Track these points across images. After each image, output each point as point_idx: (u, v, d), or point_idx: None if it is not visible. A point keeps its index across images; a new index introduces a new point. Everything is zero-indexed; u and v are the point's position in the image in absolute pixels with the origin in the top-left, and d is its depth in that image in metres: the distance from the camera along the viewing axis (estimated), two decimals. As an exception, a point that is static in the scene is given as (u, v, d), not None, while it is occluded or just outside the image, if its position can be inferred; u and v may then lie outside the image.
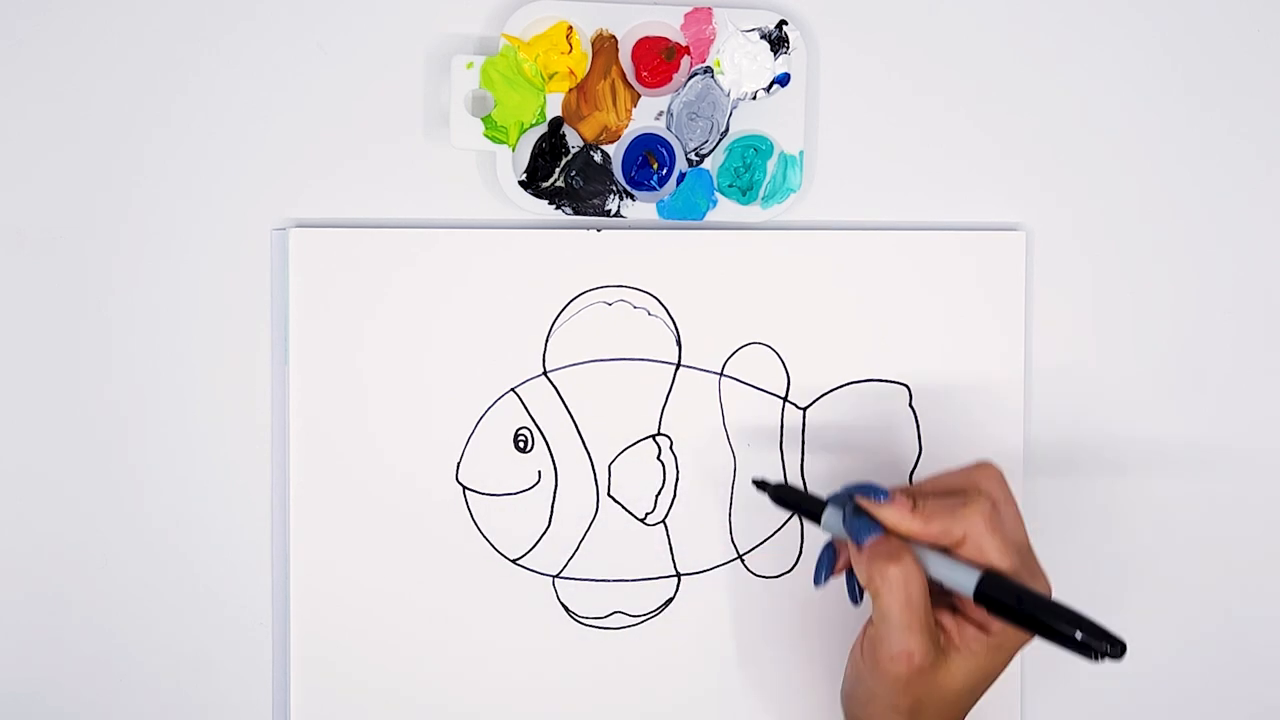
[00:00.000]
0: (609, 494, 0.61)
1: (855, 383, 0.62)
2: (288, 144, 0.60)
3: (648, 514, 0.62)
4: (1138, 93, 0.64)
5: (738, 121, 0.61)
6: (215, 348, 0.59)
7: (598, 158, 0.60)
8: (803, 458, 0.62)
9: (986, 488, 0.52)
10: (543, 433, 0.61)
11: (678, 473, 0.62)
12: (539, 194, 0.60)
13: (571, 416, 0.61)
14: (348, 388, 0.60)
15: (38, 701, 0.59)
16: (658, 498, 0.62)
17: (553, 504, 0.61)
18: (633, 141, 0.60)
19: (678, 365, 0.61)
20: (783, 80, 0.61)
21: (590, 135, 0.60)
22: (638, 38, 0.60)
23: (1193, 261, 0.65)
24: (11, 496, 0.59)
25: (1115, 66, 0.64)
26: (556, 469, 0.61)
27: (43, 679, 0.59)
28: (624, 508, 0.61)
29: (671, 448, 0.62)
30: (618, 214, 0.61)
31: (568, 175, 0.60)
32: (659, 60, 0.60)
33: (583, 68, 0.60)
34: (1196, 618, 0.65)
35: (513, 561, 0.61)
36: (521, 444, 0.61)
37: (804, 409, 0.62)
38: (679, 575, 0.62)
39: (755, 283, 0.61)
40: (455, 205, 0.61)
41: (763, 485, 0.57)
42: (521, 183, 0.60)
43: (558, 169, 0.60)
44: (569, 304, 0.61)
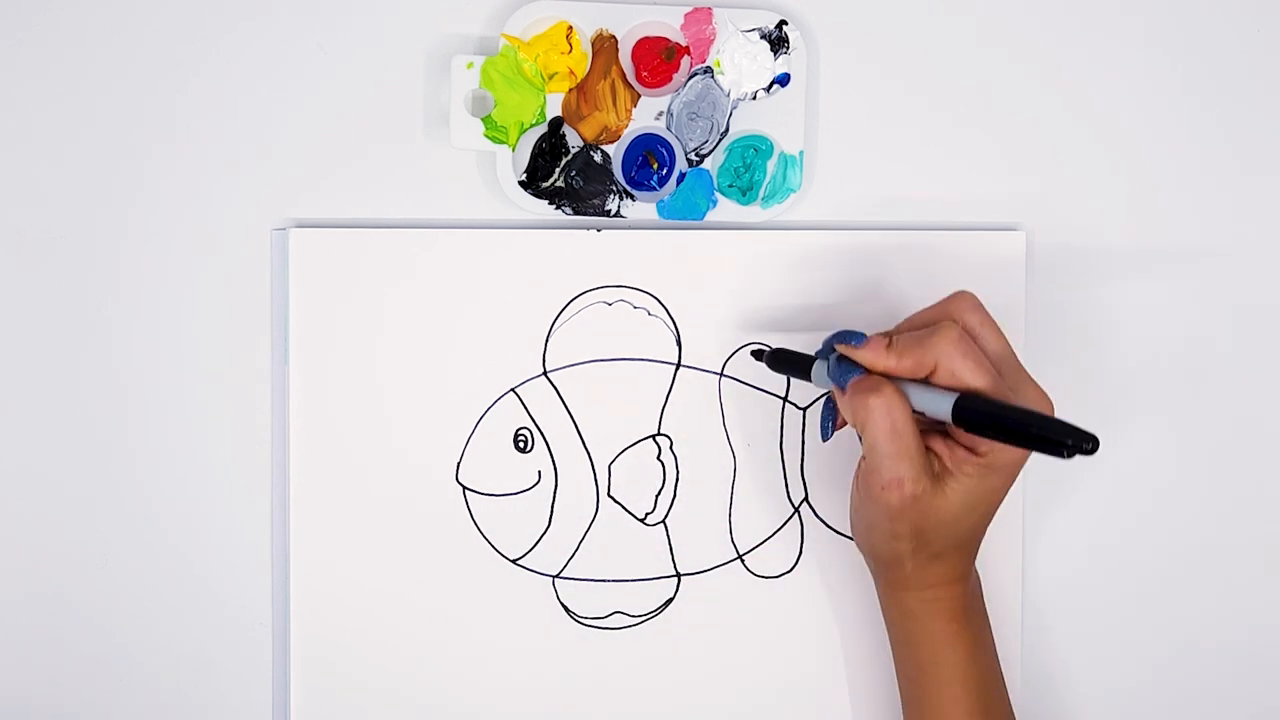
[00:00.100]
0: (609, 494, 0.61)
1: (855, 383, 0.62)
2: (288, 144, 0.60)
3: (648, 514, 0.62)
4: (1137, 94, 0.64)
5: (738, 121, 0.61)
6: (215, 348, 0.59)
7: (598, 158, 0.60)
8: (802, 457, 0.62)
9: (958, 314, 0.54)
10: (543, 433, 0.61)
11: (678, 473, 0.62)
12: (539, 194, 0.60)
13: (571, 416, 0.61)
14: (348, 388, 0.60)
15: (38, 701, 0.59)
16: (658, 498, 0.61)
17: (553, 504, 0.61)
18: (633, 141, 0.60)
19: (678, 365, 0.61)
20: (783, 80, 0.61)
21: (590, 135, 0.60)
22: (638, 38, 0.60)
23: (1193, 261, 0.65)
24: (11, 496, 0.59)
25: (1115, 67, 0.64)
26: (556, 469, 0.61)
27: (43, 679, 0.59)
28: (624, 508, 0.61)
29: (671, 448, 0.62)
30: (618, 214, 0.61)
31: (568, 175, 0.60)
32: (659, 60, 0.60)
33: (583, 68, 0.60)
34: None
35: (513, 561, 0.61)
36: (521, 444, 0.61)
37: (804, 409, 0.62)
38: (679, 575, 0.62)
39: (755, 283, 0.61)
40: (455, 205, 0.61)
41: (759, 354, 0.60)
42: (521, 183, 0.60)
43: (558, 169, 0.60)
44: (569, 304, 0.61)
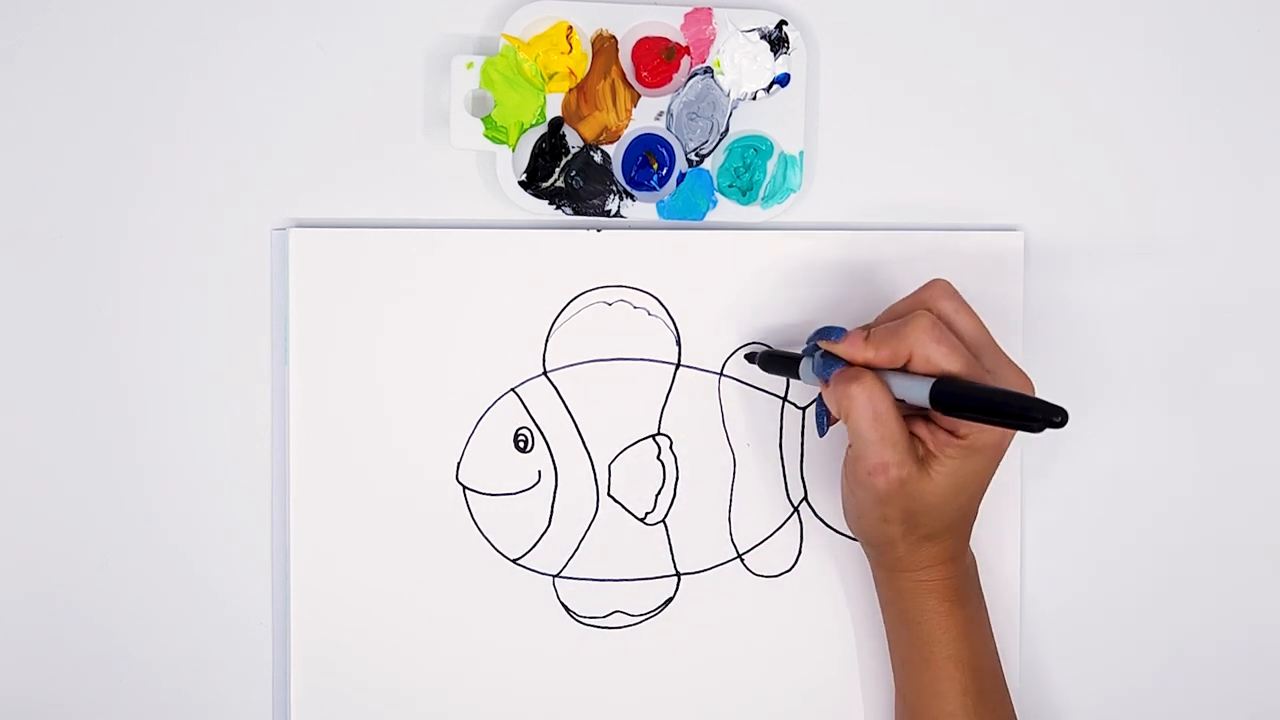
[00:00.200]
0: (609, 494, 0.61)
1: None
2: (288, 144, 0.60)
3: (648, 514, 0.62)
4: (1137, 94, 0.64)
5: (738, 121, 0.61)
6: (215, 348, 0.59)
7: (598, 158, 0.60)
8: (802, 457, 0.62)
9: (932, 302, 0.55)
10: (543, 433, 0.61)
11: (678, 472, 0.62)
12: (539, 194, 0.60)
13: (571, 416, 0.61)
14: (347, 388, 0.60)
15: (38, 701, 0.59)
16: (658, 497, 0.62)
17: (553, 504, 0.61)
18: (633, 141, 0.60)
19: (678, 365, 0.61)
20: (783, 80, 0.61)
21: (590, 135, 0.60)
22: (638, 38, 0.60)
23: (1192, 261, 0.65)
24: (11, 496, 0.59)
25: (1115, 67, 0.64)
26: (556, 469, 0.61)
27: (43, 679, 0.59)
28: (624, 507, 0.61)
29: (671, 447, 0.62)
30: (618, 214, 0.61)
31: (568, 175, 0.60)
32: (659, 60, 0.60)
33: (583, 68, 0.60)
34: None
35: (513, 561, 0.61)
36: (521, 444, 0.61)
37: (803, 408, 0.62)
38: (679, 575, 0.62)
39: (755, 283, 0.61)
40: (455, 205, 0.61)
41: (751, 357, 0.61)
42: (521, 183, 0.60)
43: (558, 169, 0.60)
44: (569, 304, 0.61)
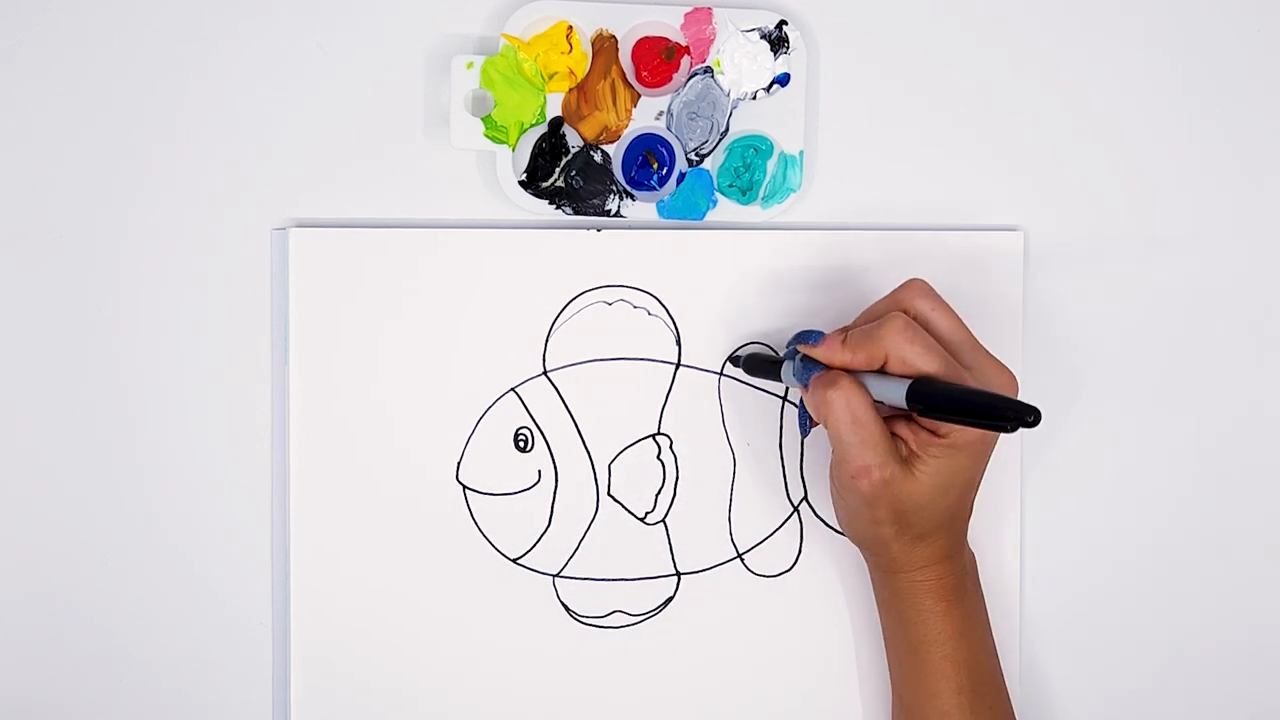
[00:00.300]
0: (609, 493, 0.61)
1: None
2: (288, 144, 0.60)
3: (647, 513, 0.62)
4: (1137, 94, 0.64)
5: (738, 121, 0.61)
6: (215, 348, 0.59)
7: (598, 158, 0.60)
8: (802, 457, 0.62)
9: (908, 302, 0.55)
10: (543, 432, 0.61)
11: (678, 472, 0.62)
12: (539, 194, 0.60)
13: (571, 416, 0.61)
14: (347, 388, 0.60)
15: (38, 701, 0.59)
16: (657, 497, 0.62)
17: (553, 503, 0.61)
18: (633, 141, 0.60)
19: (677, 365, 0.61)
20: (783, 80, 0.61)
21: (590, 135, 0.60)
22: (638, 38, 0.60)
23: (1192, 261, 0.65)
24: (12, 496, 0.59)
25: (1115, 67, 0.64)
26: (556, 469, 0.61)
27: (43, 679, 0.59)
28: (624, 507, 0.61)
29: (671, 447, 0.62)
30: (618, 214, 0.61)
31: (568, 175, 0.60)
32: (659, 60, 0.60)
33: (583, 68, 0.60)
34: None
35: (513, 561, 0.61)
36: (521, 444, 0.61)
37: (797, 407, 0.62)
38: (679, 574, 0.62)
39: (755, 283, 0.61)
40: (455, 205, 0.61)
41: (735, 361, 0.61)
42: (521, 183, 0.60)
43: (558, 169, 0.60)
44: (569, 304, 0.61)
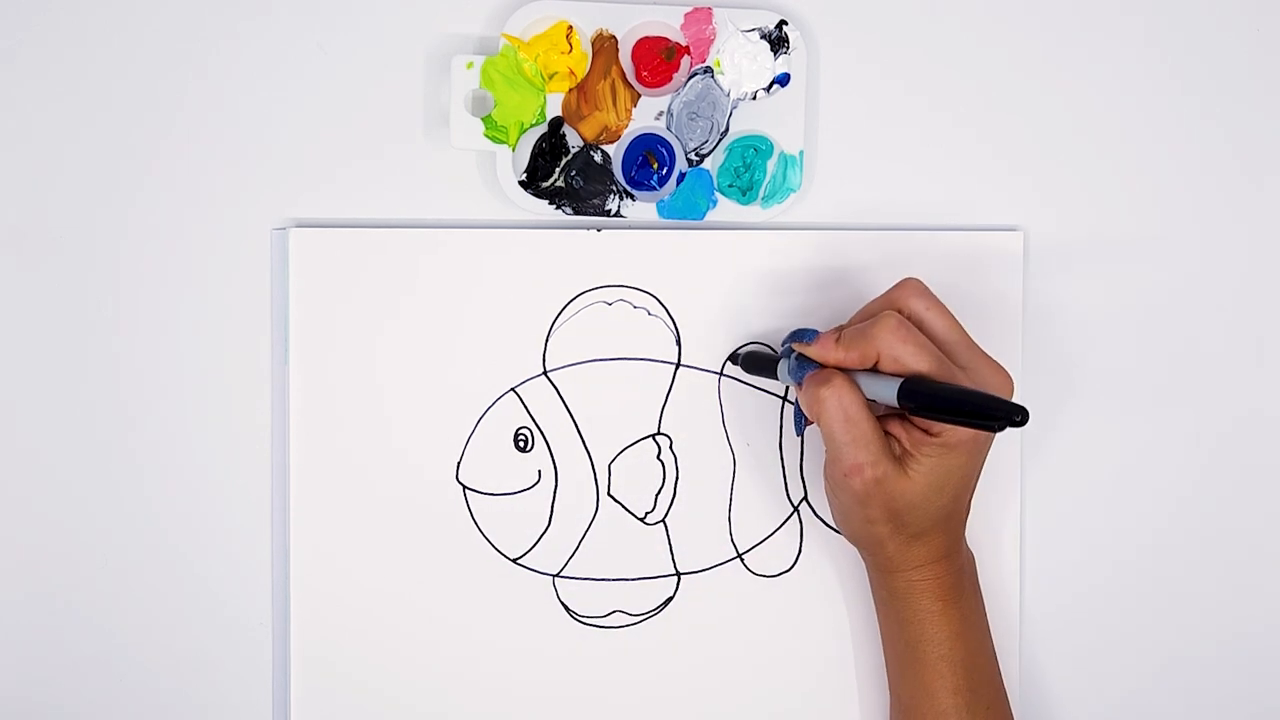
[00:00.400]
0: (609, 493, 0.61)
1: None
2: (288, 144, 0.60)
3: (647, 513, 0.62)
4: (1136, 94, 0.64)
5: (738, 121, 0.61)
6: (215, 348, 0.59)
7: (598, 158, 0.60)
8: (801, 457, 0.62)
9: (903, 301, 0.55)
10: (543, 432, 0.61)
11: (677, 472, 0.62)
12: (539, 194, 0.60)
13: (571, 416, 0.61)
14: (347, 388, 0.60)
15: (38, 701, 0.59)
16: (657, 497, 0.62)
17: (553, 503, 0.61)
18: (633, 141, 0.60)
19: (677, 365, 0.61)
20: (783, 80, 0.61)
21: (590, 135, 0.60)
22: (638, 38, 0.60)
23: (1192, 261, 0.65)
24: (12, 496, 0.59)
25: (1114, 67, 0.64)
26: (556, 469, 0.61)
27: (43, 679, 0.59)
28: (624, 507, 0.61)
29: (671, 447, 0.62)
30: (618, 214, 0.61)
31: (568, 175, 0.60)
32: (659, 60, 0.60)
33: (583, 68, 0.60)
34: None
35: (513, 561, 0.61)
36: (521, 444, 0.61)
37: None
38: (679, 574, 0.62)
39: (755, 283, 0.61)
40: (455, 205, 0.61)
41: (734, 358, 0.61)
42: (521, 183, 0.60)
43: (558, 169, 0.60)
44: (569, 304, 0.61)
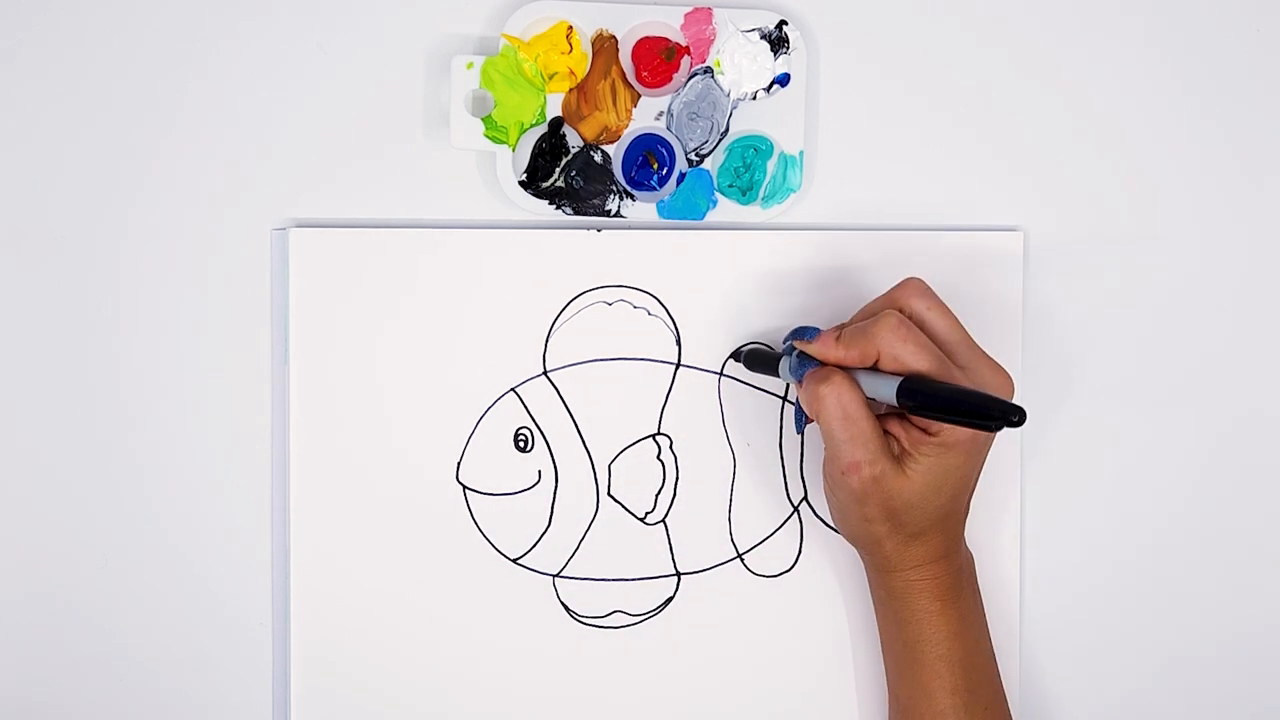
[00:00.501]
0: (609, 493, 0.61)
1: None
2: (288, 144, 0.60)
3: (648, 513, 0.62)
4: (1136, 94, 0.64)
5: (738, 121, 0.61)
6: (215, 348, 0.59)
7: (598, 158, 0.60)
8: (802, 457, 0.62)
9: (904, 301, 0.56)
10: (543, 432, 0.61)
11: (678, 472, 0.62)
12: (539, 194, 0.60)
13: (571, 416, 0.61)
14: (347, 387, 0.60)
15: (38, 701, 0.59)
16: (658, 497, 0.62)
17: (553, 504, 0.61)
18: (633, 141, 0.60)
19: (677, 365, 0.61)
20: (783, 80, 0.61)
21: (590, 135, 0.60)
22: (638, 38, 0.60)
23: (1192, 261, 0.65)
24: (12, 496, 0.59)
25: (1114, 67, 0.64)
26: (556, 469, 0.61)
27: (43, 679, 0.59)
28: (624, 507, 0.61)
29: (671, 447, 0.62)
30: (618, 214, 0.61)
31: (568, 175, 0.60)
32: (659, 60, 0.60)
33: (583, 68, 0.60)
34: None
35: (513, 561, 0.61)
36: (521, 444, 0.61)
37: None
38: (679, 575, 0.62)
39: (755, 283, 0.61)
40: (455, 205, 0.61)
41: (737, 355, 0.61)
42: (521, 183, 0.60)
43: (558, 169, 0.60)
44: (569, 304, 0.61)
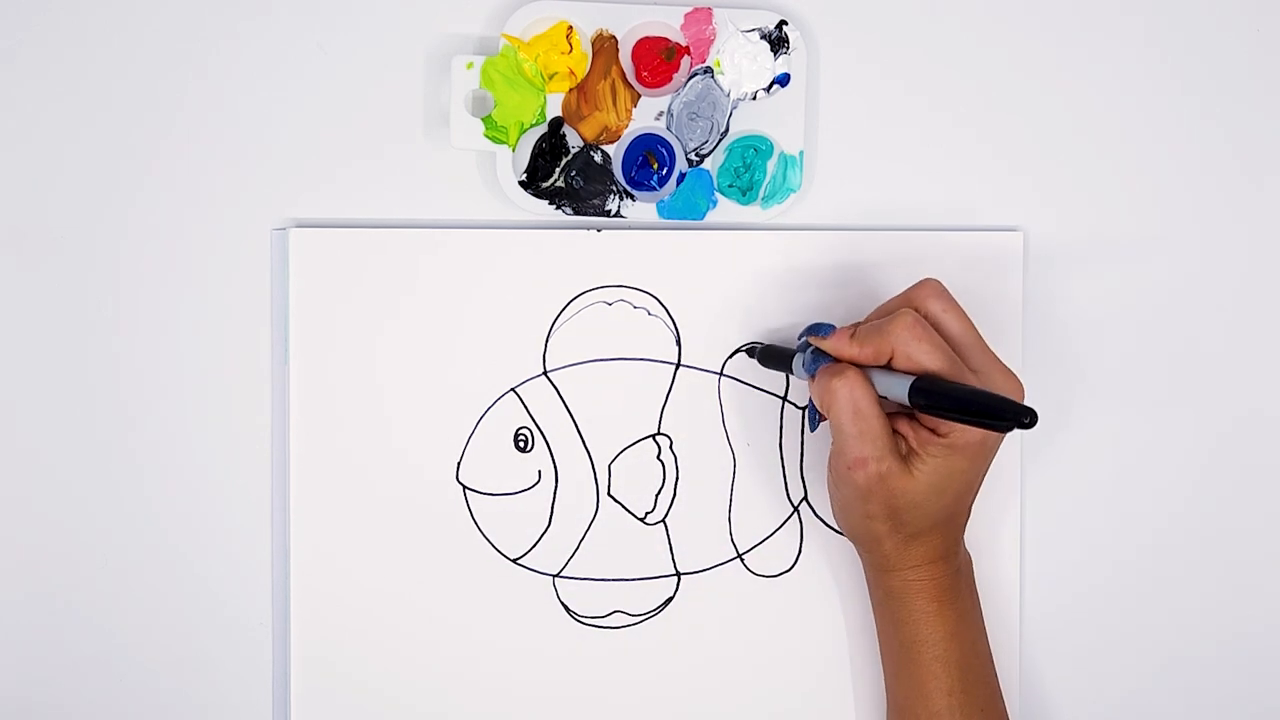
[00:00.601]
0: (609, 494, 0.61)
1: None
2: (288, 144, 0.60)
3: (648, 513, 0.62)
4: (1136, 94, 0.64)
5: (738, 121, 0.61)
6: (215, 348, 0.59)
7: (598, 158, 0.60)
8: (802, 457, 0.62)
9: (920, 301, 0.56)
10: (543, 432, 0.61)
11: (677, 472, 0.62)
12: (539, 194, 0.60)
13: (571, 416, 0.61)
14: (348, 388, 0.60)
15: (38, 701, 0.59)
16: (657, 497, 0.62)
17: (553, 504, 0.61)
18: (633, 141, 0.60)
19: (677, 365, 0.61)
20: (783, 80, 0.61)
21: (590, 135, 0.60)
22: (638, 38, 0.60)
23: (1192, 261, 0.65)
24: (12, 496, 0.59)
25: (1114, 67, 0.64)
26: (556, 469, 0.61)
27: (43, 679, 0.59)
28: (624, 507, 0.61)
29: (671, 447, 0.62)
30: (618, 214, 0.61)
31: (568, 175, 0.60)
32: (659, 60, 0.60)
33: (583, 68, 0.60)
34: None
35: (513, 561, 0.61)
36: (521, 444, 0.61)
37: (803, 408, 0.62)
38: (679, 575, 0.62)
39: (755, 283, 0.61)
40: (455, 205, 0.61)
41: (751, 351, 0.61)
42: (521, 183, 0.60)
43: (558, 169, 0.60)
44: (569, 304, 0.61)
